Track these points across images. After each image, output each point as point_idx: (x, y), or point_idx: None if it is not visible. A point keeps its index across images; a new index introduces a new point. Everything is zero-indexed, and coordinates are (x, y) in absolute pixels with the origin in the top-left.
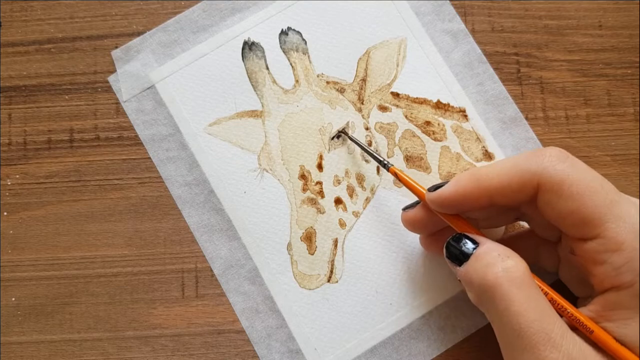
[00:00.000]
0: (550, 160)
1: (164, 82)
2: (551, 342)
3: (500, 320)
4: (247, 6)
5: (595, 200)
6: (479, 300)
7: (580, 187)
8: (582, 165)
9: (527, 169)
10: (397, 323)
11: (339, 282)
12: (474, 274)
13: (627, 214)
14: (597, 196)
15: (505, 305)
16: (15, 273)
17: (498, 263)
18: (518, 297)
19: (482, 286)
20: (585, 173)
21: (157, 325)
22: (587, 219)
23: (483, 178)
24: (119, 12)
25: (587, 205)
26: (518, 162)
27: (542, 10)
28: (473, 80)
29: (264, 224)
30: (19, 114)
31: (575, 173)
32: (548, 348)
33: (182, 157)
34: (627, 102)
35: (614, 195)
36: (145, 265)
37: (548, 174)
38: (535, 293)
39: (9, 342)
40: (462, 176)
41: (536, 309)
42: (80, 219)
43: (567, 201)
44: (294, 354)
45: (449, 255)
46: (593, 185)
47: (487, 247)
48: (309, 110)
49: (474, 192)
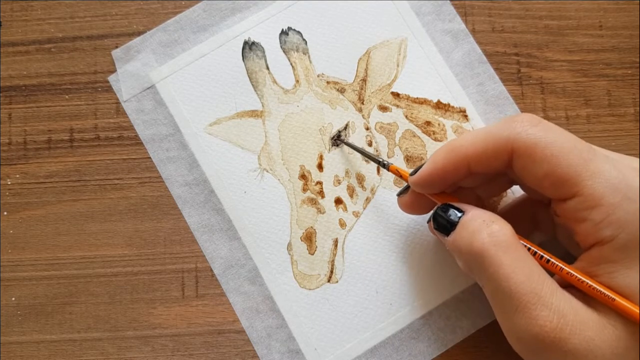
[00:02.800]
0: (523, 126)
1: (164, 82)
2: (541, 301)
3: (490, 285)
4: (247, 6)
5: (570, 160)
6: (468, 267)
7: (554, 149)
8: (554, 128)
9: (499, 136)
10: (397, 323)
11: (339, 282)
12: (461, 242)
13: (602, 170)
14: (570, 156)
15: (494, 270)
16: (15, 273)
17: (483, 229)
18: (505, 260)
19: (470, 253)
20: (557, 135)
21: (157, 325)
22: (563, 179)
23: (458, 149)
24: (119, 12)
25: (561, 165)
26: (491, 130)
27: (543, 10)
28: (473, 81)
29: (264, 224)
30: (19, 114)
31: (548, 136)
32: (539, 307)
33: (182, 157)
34: (628, 102)
35: (587, 153)
36: (145, 265)
37: (521, 139)
38: (523, 254)
39: (9, 342)
40: (437, 152)
41: (524, 270)
42: (80, 219)
43: (541, 164)
44: (294, 354)
45: (437, 225)
46: (566, 146)
47: (472, 215)
48: (309, 110)
49: (451, 164)
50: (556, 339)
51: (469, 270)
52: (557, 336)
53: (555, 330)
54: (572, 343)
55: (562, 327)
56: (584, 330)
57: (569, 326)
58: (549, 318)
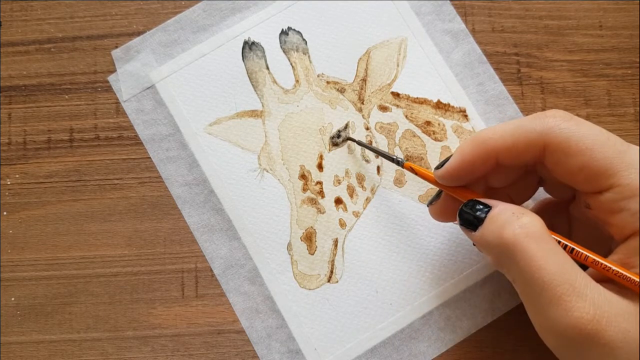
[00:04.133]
0: (555, 121)
1: (164, 82)
2: (576, 292)
3: (522, 277)
4: (247, 6)
5: (605, 152)
6: (499, 261)
7: (588, 142)
8: (586, 123)
9: (532, 129)
10: (397, 323)
11: (339, 282)
12: (490, 236)
13: (637, 162)
14: (605, 148)
15: (526, 262)
16: (15, 273)
17: (514, 221)
18: (538, 251)
19: (500, 246)
20: (590, 129)
21: (156, 325)
22: (599, 171)
23: (487, 141)
24: (119, 12)
25: (596, 158)
26: (522, 124)
27: (543, 10)
28: (473, 81)
29: (264, 224)
30: (18, 114)
31: (581, 129)
32: (574, 298)
33: (182, 157)
34: (628, 102)
35: (621, 145)
36: (145, 265)
37: (554, 134)
38: (554, 246)
39: (9, 342)
40: (465, 144)
41: (557, 261)
42: (80, 219)
43: (576, 157)
44: (294, 354)
45: (463, 221)
46: (600, 139)
47: (500, 208)
48: (309, 110)
49: (480, 155)
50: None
51: (499, 264)
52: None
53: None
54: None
55: (599, 319)
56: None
57: (604, 318)
58: (585, 309)
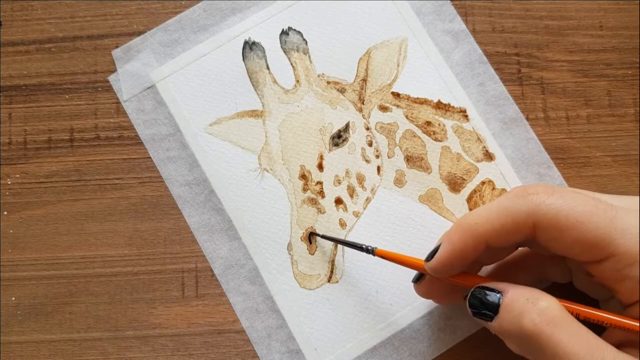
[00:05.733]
0: (539, 197)
1: (165, 82)
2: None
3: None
4: (247, 6)
5: (596, 222)
6: (523, 350)
7: (577, 214)
8: (570, 193)
9: (518, 211)
10: (397, 323)
11: (339, 282)
12: (508, 327)
13: (629, 224)
14: (595, 217)
15: (553, 350)
16: (15, 272)
17: (531, 308)
18: (562, 337)
19: (523, 336)
20: (575, 199)
21: (157, 325)
22: (594, 243)
23: (474, 228)
24: (120, 12)
25: (589, 229)
26: (506, 205)
27: (543, 10)
28: (474, 81)
29: (264, 224)
30: (19, 114)
31: (567, 202)
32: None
33: (183, 157)
34: (628, 102)
35: (610, 210)
36: (145, 265)
37: (541, 212)
38: (576, 327)
39: (9, 342)
40: (452, 232)
41: (582, 343)
42: (80, 219)
43: (568, 232)
44: (294, 354)
45: (476, 313)
46: (588, 209)
47: (512, 295)
48: (310, 110)
49: (469, 244)
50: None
51: (523, 352)
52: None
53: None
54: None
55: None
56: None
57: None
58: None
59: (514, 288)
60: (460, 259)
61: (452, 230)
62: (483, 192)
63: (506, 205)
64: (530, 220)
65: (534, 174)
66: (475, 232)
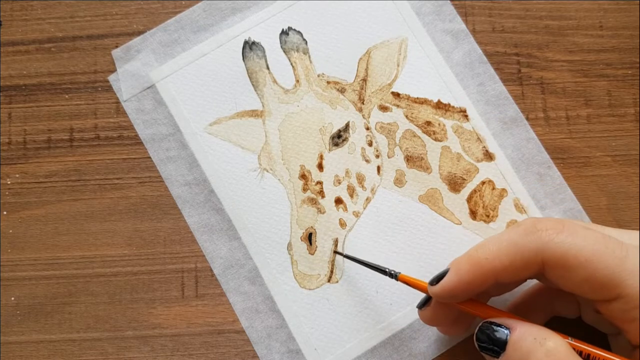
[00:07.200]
0: (549, 234)
1: (164, 82)
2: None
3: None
4: (247, 6)
5: (605, 262)
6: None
7: (587, 253)
8: (580, 230)
9: (527, 248)
10: (397, 323)
11: (339, 282)
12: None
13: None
14: (605, 257)
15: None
16: (14, 272)
17: (538, 349)
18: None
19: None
20: (586, 237)
21: (156, 325)
22: (602, 282)
23: (483, 262)
24: (120, 12)
25: (598, 268)
26: (516, 241)
27: (543, 10)
28: (474, 81)
29: (264, 223)
30: (19, 113)
31: (577, 240)
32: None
33: (182, 157)
34: (628, 102)
35: (620, 250)
36: (145, 265)
37: (550, 250)
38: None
39: (9, 342)
40: (461, 263)
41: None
42: (80, 219)
43: (577, 270)
44: (294, 354)
45: (483, 348)
46: (598, 248)
47: (520, 333)
48: (310, 110)
49: (477, 278)
50: None
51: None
52: None
53: None
54: None
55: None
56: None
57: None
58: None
59: (522, 326)
60: (465, 291)
61: (463, 260)
62: (483, 192)
63: (516, 242)
64: (539, 257)
65: (534, 173)
66: (485, 268)
